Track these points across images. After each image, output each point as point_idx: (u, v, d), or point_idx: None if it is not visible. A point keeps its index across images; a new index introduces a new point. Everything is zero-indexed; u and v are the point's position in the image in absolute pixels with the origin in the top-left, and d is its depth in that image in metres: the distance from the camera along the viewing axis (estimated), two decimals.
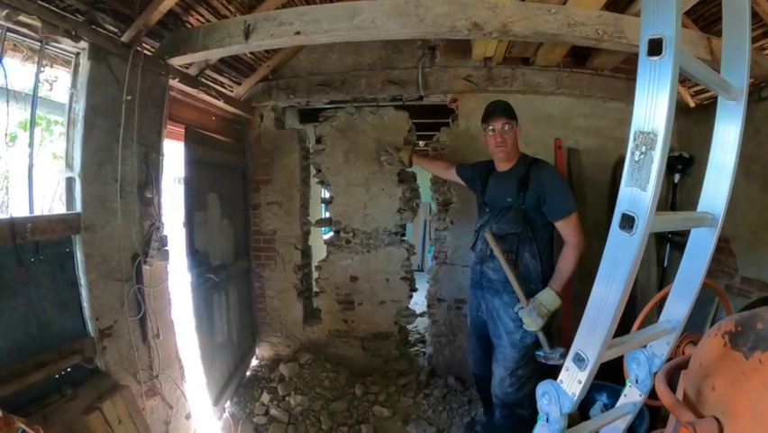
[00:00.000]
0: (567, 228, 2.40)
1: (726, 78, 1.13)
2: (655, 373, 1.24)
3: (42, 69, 2.13)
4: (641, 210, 0.89)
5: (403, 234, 4.10)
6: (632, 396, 1.33)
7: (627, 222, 0.91)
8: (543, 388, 1.15)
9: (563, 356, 2.21)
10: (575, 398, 1.08)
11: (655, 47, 0.85)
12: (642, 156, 0.88)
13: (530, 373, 2.50)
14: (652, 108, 0.87)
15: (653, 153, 0.87)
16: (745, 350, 0.93)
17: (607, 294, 0.97)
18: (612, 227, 0.94)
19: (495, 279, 2.55)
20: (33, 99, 2.10)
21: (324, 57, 3.86)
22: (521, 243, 2.47)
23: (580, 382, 1.07)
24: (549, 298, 2.33)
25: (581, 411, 2.69)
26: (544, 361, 2.36)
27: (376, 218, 3.89)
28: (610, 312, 0.97)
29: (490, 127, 2.51)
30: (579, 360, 1.06)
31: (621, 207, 0.93)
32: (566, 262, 2.39)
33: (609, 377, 2.07)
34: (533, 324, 2.32)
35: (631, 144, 0.90)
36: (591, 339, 1.02)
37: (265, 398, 3.47)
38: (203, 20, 2.85)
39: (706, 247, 1.17)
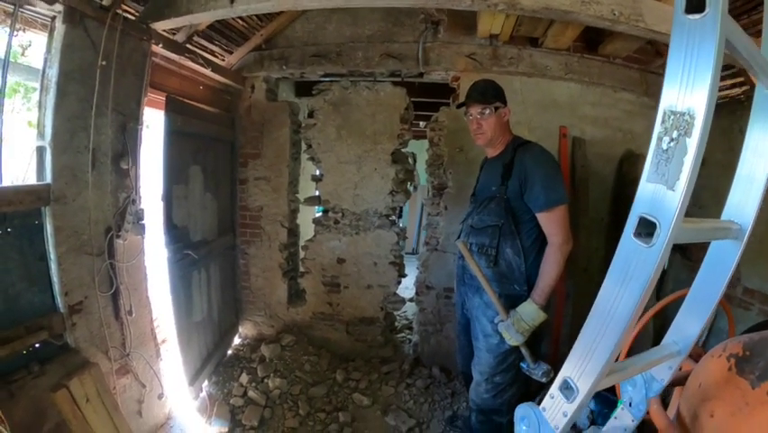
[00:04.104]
0: (550, 224, 2.19)
1: None
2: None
3: (16, 33, 2.11)
4: (665, 215, 0.73)
5: (400, 216, 4.08)
6: (623, 420, 1.20)
7: (646, 228, 0.75)
8: (522, 411, 1.02)
9: (546, 375, 2.15)
10: (558, 431, 0.95)
11: (696, 1, 0.69)
12: (672, 144, 0.72)
13: (510, 381, 2.39)
14: (689, 81, 0.70)
15: (688, 141, 0.70)
16: (753, 378, 0.86)
17: (611, 314, 0.81)
18: (625, 233, 0.78)
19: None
20: (5, 64, 2.10)
21: (321, 27, 3.79)
22: (503, 237, 2.31)
23: (565, 415, 0.91)
24: (530, 312, 2.16)
25: None
26: (527, 374, 2.26)
27: (366, 199, 3.89)
28: (614, 336, 0.81)
29: (469, 112, 2.40)
30: (567, 388, 0.90)
31: (639, 209, 0.76)
32: (548, 268, 2.18)
33: None
34: (512, 339, 2.20)
35: (658, 128, 0.74)
36: (586, 366, 0.86)
37: (244, 379, 3.55)
38: None
39: (728, 262, 1.02)
